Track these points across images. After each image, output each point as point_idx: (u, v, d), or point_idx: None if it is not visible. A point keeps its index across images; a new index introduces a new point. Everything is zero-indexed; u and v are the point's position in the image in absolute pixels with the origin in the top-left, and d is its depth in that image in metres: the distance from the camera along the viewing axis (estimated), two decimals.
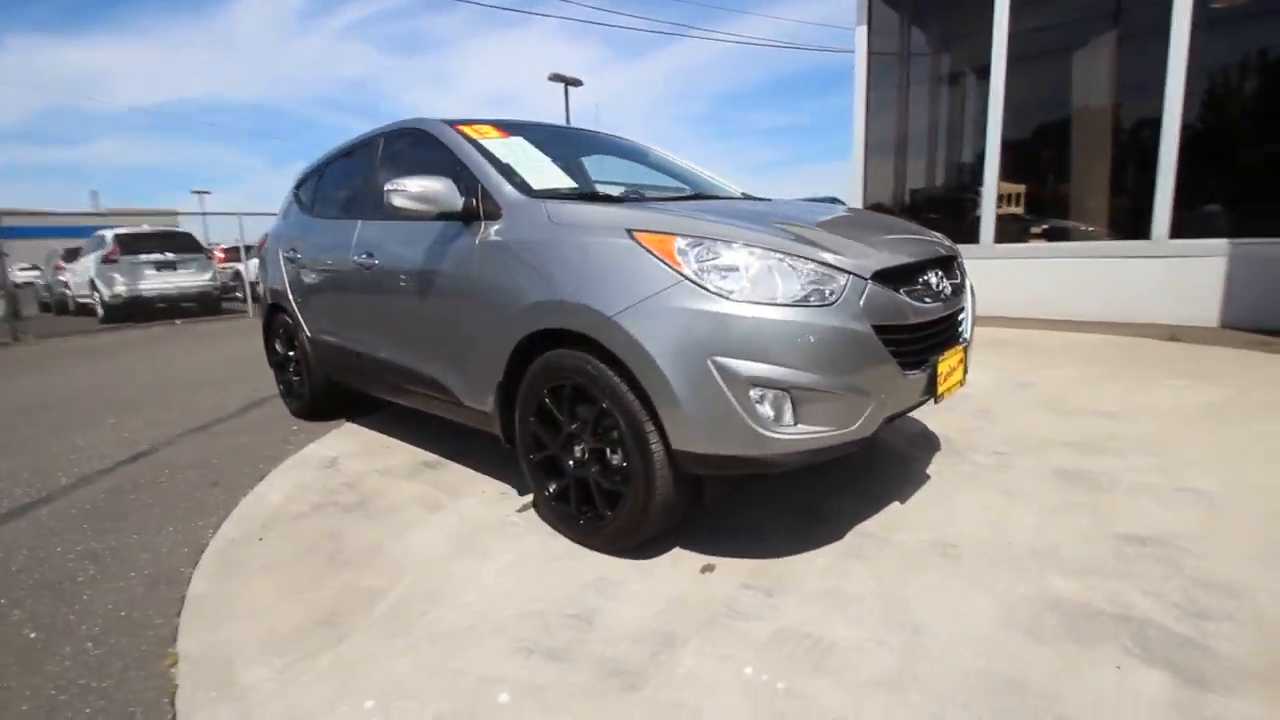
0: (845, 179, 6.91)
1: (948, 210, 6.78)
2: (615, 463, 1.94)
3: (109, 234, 10.11)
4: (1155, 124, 5.14)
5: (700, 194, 2.91)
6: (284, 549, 2.18)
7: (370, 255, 2.83)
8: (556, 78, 22.81)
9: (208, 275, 10.77)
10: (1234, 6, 5.03)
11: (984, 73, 6.02)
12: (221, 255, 14.51)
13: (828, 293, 1.72)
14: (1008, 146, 5.96)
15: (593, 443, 1.97)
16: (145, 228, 11.04)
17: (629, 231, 1.85)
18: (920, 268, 2.03)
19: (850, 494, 2.36)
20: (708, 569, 1.91)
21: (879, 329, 1.77)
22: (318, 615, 1.77)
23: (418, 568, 2.00)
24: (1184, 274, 5.04)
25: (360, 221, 3.00)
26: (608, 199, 2.28)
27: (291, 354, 3.75)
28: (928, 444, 2.84)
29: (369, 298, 2.88)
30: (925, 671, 1.43)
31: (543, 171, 2.50)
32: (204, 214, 25.27)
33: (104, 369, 6.09)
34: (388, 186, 2.30)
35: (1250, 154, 5.14)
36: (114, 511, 2.56)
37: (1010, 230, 6.19)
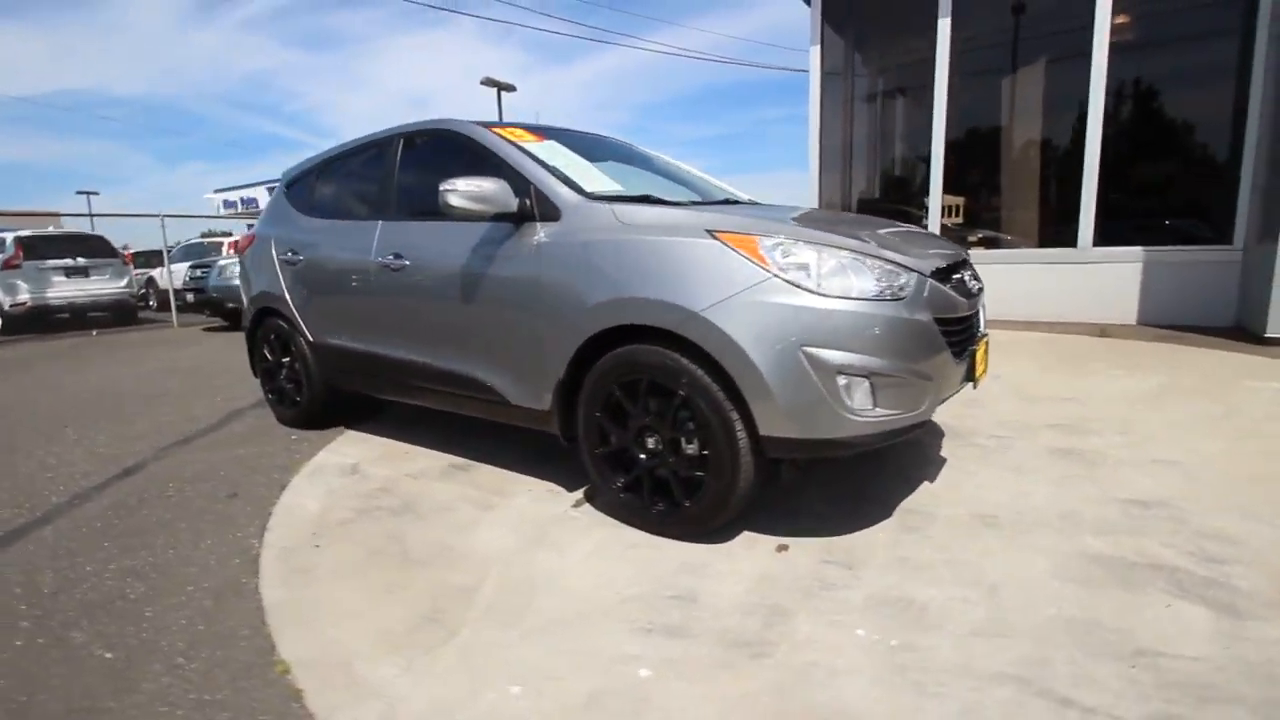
0: (769, 190, 7.26)
1: (895, 219, 7.27)
2: (690, 452, 2.04)
3: (9, 237, 9.12)
4: (1079, 143, 5.76)
5: (717, 201, 3.05)
6: (347, 553, 2.13)
7: (398, 256, 2.79)
8: (489, 82, 22.38)
9: (123, 282, 9.91)
10: (1138, 42, 5.73)
11: (926, 92, 6.53)
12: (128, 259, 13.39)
13: (898, 288, 1.90)
14: (950, 161, 6.49)
15: (670, 434, 2.06)
16: (52, 230, 10.03)
17: (710, 232, 1.96)
18: (955, 268, 2.26)
19: (886, 476, 2.56)
20: (783, 548, 2.04)
21: (937, 321, 1.97)
22: (420, 612, 1.77)
23: (498, 563, 2.02)
24: (1107, 278, 5.67)
25: (381, 222, 2.95)
26: (663, 203, 2.38)
27: (286, 360, 3.59)
28: (933, 430, 3.10)
29: (395, 299, 2.84)
30: (1013, 621, 1.62)
31: (589, 175, 2.57)
32: (92, 215, 22.72)
33: (27, 383, 5.54)
34: (443, 186, 2.31)
35: (1155, 172, 5.87)
36: (132, 528, 2.40)
37: (952, 239, 6.72)
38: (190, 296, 8.94)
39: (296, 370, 3.51)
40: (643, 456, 2.15)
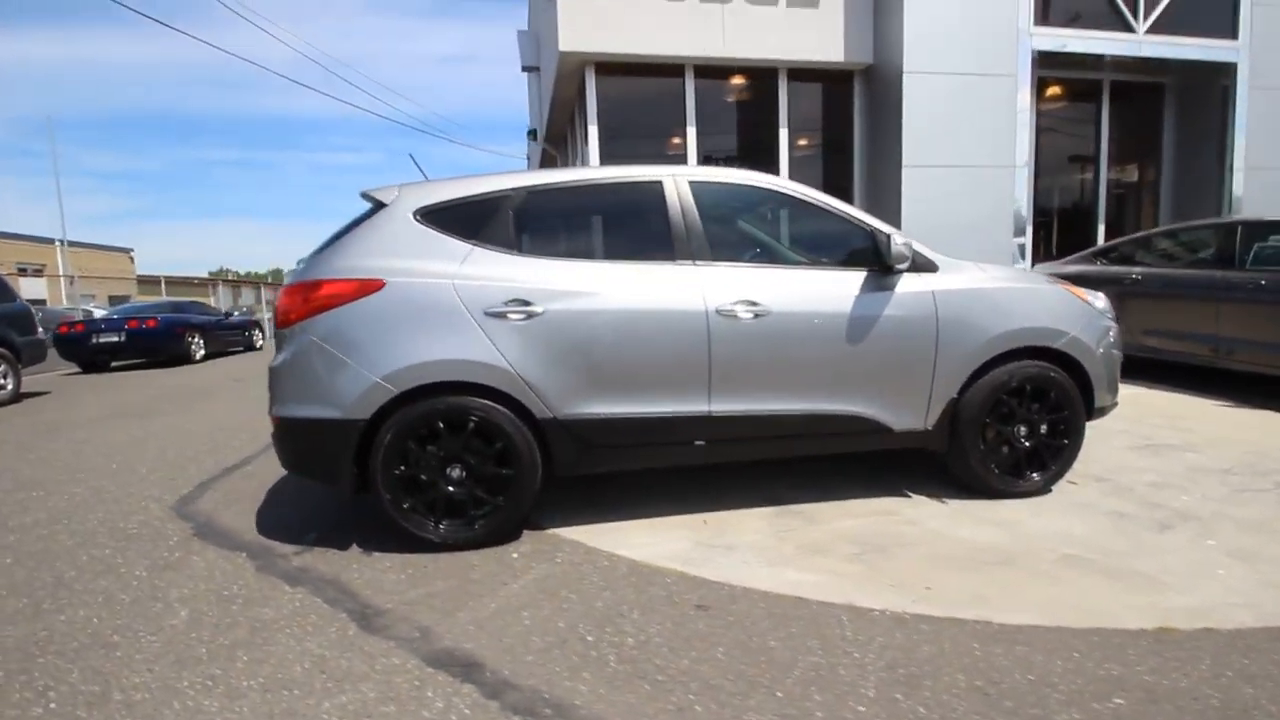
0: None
1: None
2: (1044, 430, 2.98)
3: None
4: None
5: None
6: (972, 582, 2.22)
7: (752, 304, 2.67)
8: None
9: None
10: (805, 153, 8.84)
11: None
12: None
13: None
14: None
15: (1040, 418, 2.95)
16: None
17: (1053, 280, 3.01)
18: None
19: None
20: (1073, 483, 3.19)
21: None
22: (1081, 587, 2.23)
23: (1045, 538, 2.52)
24: None
25: (705, 266, 2.70)
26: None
27: (470, 458, 2.54)
28: None
29: (745, 349, 2.68)
30: (1207, 449, 3.23)
31: None
32: None
33: None
34: (898, 240, 2.61)
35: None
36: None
37: None
38: None
39: (504, 463, 2.56)
40: (1026, 443, 2.96)
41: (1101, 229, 9.49)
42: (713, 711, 1.60)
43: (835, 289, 2.78)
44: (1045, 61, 8.16)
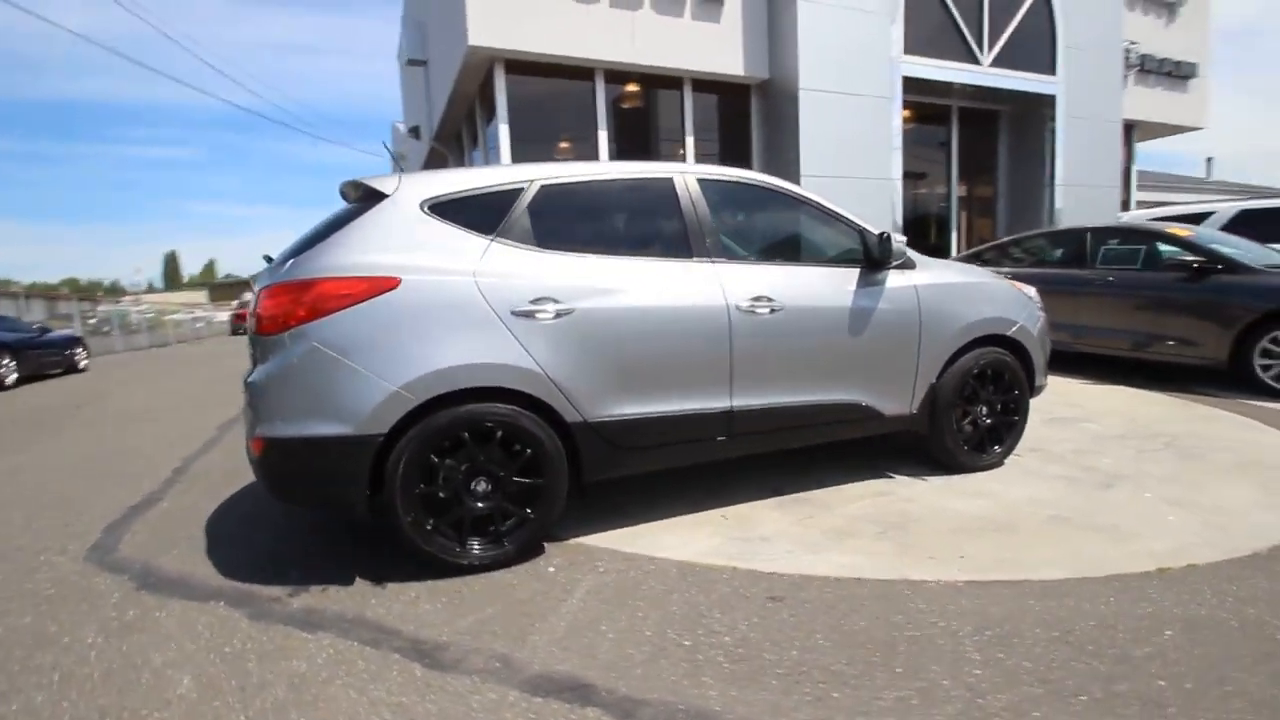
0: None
1: None
2: (999, 407, 3.36)
3: None
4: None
5: None
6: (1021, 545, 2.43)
7: (767, 300, 2.74)
8: None
9: None
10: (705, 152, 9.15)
11: None
12: None
13: None
14: None
15: (995, 399, 3.31)
16: None
17: (1000, 277, 3.39)
18: None
19: None
20: (1017, 454, 3.61)
21: None
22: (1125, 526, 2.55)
23: (1032, 505, 2.83)
24: None
25: (718, 263, 2.71)
26: None
27: (500, 472, 2.36)
28: None
29: (763, 343, 2.74)
30: (1115, 425, 3.80)
31: None
32: None
33: None
34: (896, 237, 2.80)
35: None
36: None
37: None
38: None
39: (537, 471, 2.41)
40: (984, 418, 3.29)
41: (954, 236, 10.81)
42: (850, 696, 1.63)
43: (836, 285, 2.93)
44: (910, 87, 9.15)
